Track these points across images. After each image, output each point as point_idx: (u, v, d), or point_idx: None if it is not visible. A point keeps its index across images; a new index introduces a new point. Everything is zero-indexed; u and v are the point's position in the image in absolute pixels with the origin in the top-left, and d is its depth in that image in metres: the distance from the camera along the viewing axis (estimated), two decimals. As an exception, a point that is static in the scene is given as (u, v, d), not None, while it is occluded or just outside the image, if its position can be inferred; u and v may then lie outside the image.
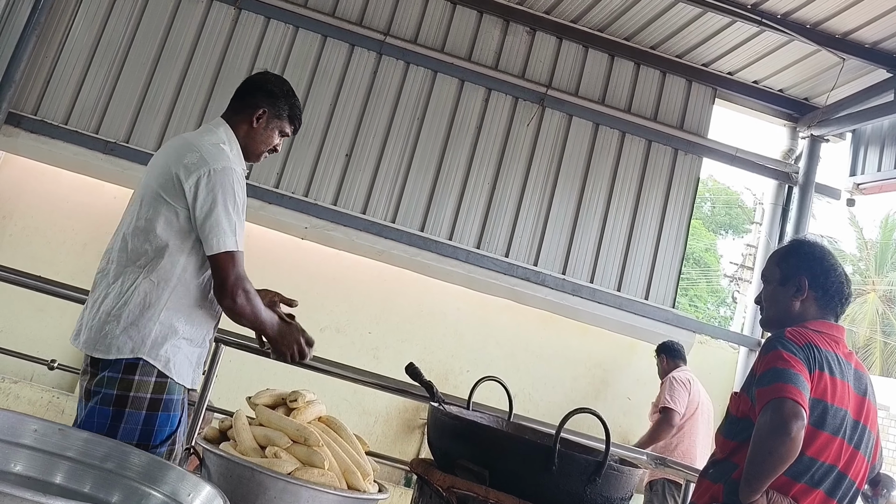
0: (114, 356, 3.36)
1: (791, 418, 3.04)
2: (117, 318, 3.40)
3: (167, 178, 3.50)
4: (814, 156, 10.11)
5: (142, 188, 3.64)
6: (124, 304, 3.42)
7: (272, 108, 3.90)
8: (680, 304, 13.39)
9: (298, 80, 9.37)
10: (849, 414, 3.29)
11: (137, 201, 3.61)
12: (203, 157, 3.54)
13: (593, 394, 9.69)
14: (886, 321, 35.34)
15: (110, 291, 3.48)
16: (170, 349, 3.43)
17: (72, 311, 8.71)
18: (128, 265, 3.49)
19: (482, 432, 3.28)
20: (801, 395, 3.10)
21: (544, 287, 9.35)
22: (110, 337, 3.38)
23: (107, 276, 3.57)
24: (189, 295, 3.53)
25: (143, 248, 3.48)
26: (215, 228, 3.45)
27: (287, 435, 2.39)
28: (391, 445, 9.24)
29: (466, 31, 9.81)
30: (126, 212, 3.72)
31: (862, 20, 8.11)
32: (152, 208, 3.50)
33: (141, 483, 1.82)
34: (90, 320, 3.50)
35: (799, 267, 3.60)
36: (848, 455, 3.27)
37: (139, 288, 3.43)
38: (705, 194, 41.85)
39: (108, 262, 3.61)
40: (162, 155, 3.70)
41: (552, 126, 9.75)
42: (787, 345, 3.30)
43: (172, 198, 3.47)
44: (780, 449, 3.05)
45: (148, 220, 3.50)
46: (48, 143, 8.86)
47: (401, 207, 9.38)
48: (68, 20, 9.22)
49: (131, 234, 3.53)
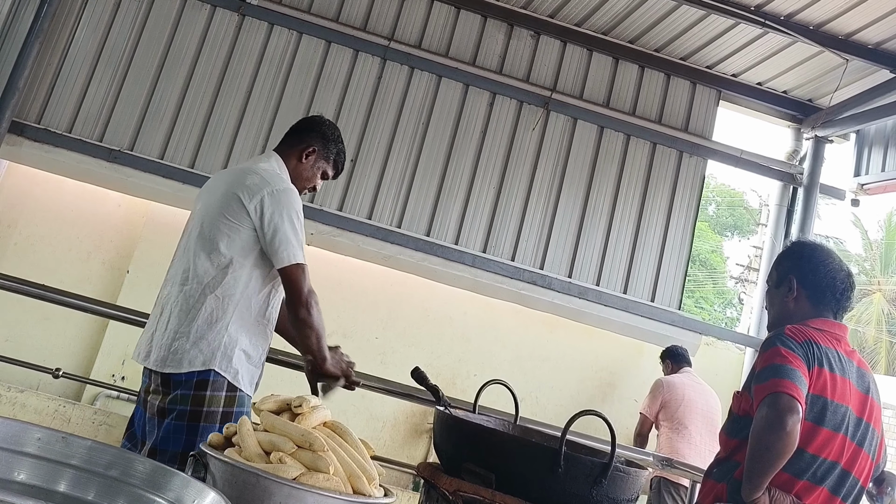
0: (186, 369, 3.53)
1: (786, 412, 3.05)
2: (186, 334, 3.57)
3: (228, 200, 3.70)
4: (818, 157, 10.10)
5: (199, 216, 3.82)
6: (192, 321, 3.58)
7: (322, 148, 4.14)
8: (686, 305, 13.38)
9: (302, 87, 9.40)
10: (851, 411, 3.29)
11: (196, 227, 3.78)
12: (264, 179, 3.76)
13: (600, 396, 9.70)
14: (892, 321, 35.31)
15: (177, 311, 3.63)
16: (236, 361, 3.61)
17: (76, 319, 8.75)
18: (192, 285, 3.64)
19: (488, 436, 3.28)
20: (797, 389, 3.10)
21: (550, 290, 9.35)
22: (181, 352, 3.55)
23: (169, 298, 3.71)
24: (251, 311, 3.70)
25: (206, 267, 3.64)
26: (284, 243, 3.65)
27: (292, 440, 2.39)
28: (399, 450, 9.24)
29: (470, 35, 9.81)
30: (181, 239, 3.89)
31: (865, 21, 8.11)
32: (214, 228, 3.68)
33: (145, 490, 1.81)
34: (160, 339, 3.63)
35: (789, 267, 3.68)
36: (851, 452, 3.27)
37: (206, 304, 3.60)
38: (709, 195, 41.87)
39: (172, 286, 3.75)
40: (219, 181, 3.91)
41: (557, 129, 9.75)
42: (786, 341, 3.32)
43: (235, 217, 3.66)
44: (776, 444, 3.06)
45: (210, 241, 3.67)
46: (52, 152, 8.86)
47: (406, 212, 9.38)
48: (71, 27, 9.21)
49: (193, 257, 3.68)
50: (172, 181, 8.90)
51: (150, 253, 9.02)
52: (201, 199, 3.91)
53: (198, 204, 3.92)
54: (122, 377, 8.77)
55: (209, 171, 8.95)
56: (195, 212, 3.89)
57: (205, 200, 3.86)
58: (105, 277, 9.12)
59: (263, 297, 3.76)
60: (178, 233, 3.82)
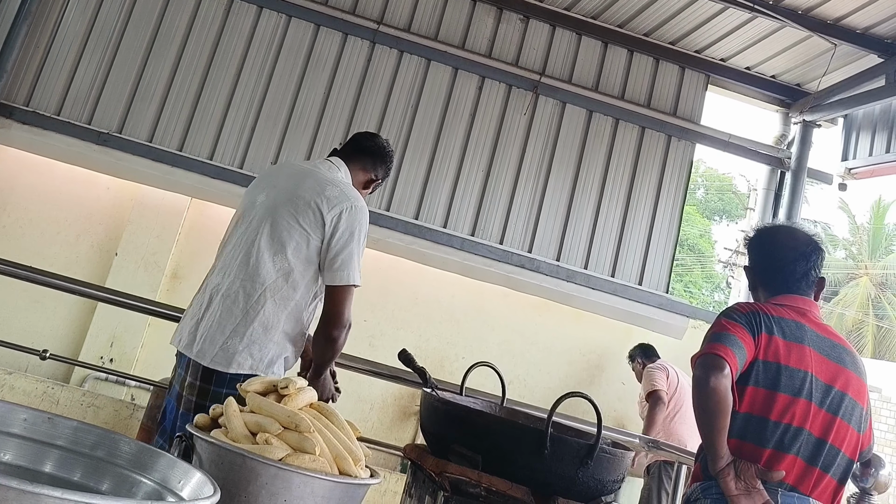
0: (233, 371, 3.51)
1: (710, 369, 3.07)
2: (241, 335, 3.56)
3: (306, 207, 3.67)
4: (806, 141, 10.12)
5: (266, 211, 3.75)
6: (249, 323, 3.57)
7: (383, 180, 4.22)
8: (675, 289, 13.42)
9: (291, 70, 9.39)
10: (813, 376, 3.26)
11: (264, 224, 3.71)
12: (344, 193, 3.75)
13: (588, 379, 9.72)
14: (879, 304, 35.46)
15: (232, 307, 3.60)
16: (277, 369, 3.62)
17: (65, 301, 8.75)
18: (254, 284, 3.61)
19: (475, 417, 3.30)
20: (725, 350, 3.12)
21: (539, 273, 9.37)
22: (231, 352, 3.55)
23: (221, 289, 3.67)
24: (298, 322, 3.71)
25: (269, 268, 3.62)
26: (348, 262, 3.66)
27: (278, 421, 2.40)
28: (387, 432, 9.26)
29: (460, 19, 9.80)
30: (238, 228, 3.82)
31: (853, 5, 8.11)
32: (285, 231, 3.64)
33: (131, 471, 1.82)
34: (207, 332, 3.61)
35: (747, 261, 3.75)
36: (822, 419, 3.23)
37: (265, 308, 3.59)
38: (698, 180, 41.90)
39: (225, 276, 3.70)
40: (289, 181, 3.83)
41: (546, 113, 9.76)
42: (729, 314, 3.37)
43: (309, 226, 3.64)
44: (707, 403, 3.08)
45: (279, 243, 3.64)
46: (41, 135, 8.84)
47: (395, 196, 9.38)
48: (60, 9, 9.18)
49: (257, 254, 3.64)
50: (161, 164, 8.89)
51: (139, 236, 9.02)
52: (265, 192, 3.82)
53: (259, 195, 3.83)
54: (111, 359, 8.77)
55: (197, 153, 8.96)
56: (258, 204, 3.79)
57: (272, 197, 3.78)
58: (93, 260, 9.11)
59: (311, 311, 3.77)
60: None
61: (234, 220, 3.90)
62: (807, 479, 3.21)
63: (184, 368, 3.68)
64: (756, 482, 3.12)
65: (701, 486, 3.30)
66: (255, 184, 3.99)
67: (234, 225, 3.87)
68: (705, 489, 3.27)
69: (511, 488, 2.91)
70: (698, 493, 3.31)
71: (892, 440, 20.14)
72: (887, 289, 36.11)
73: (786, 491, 3.17)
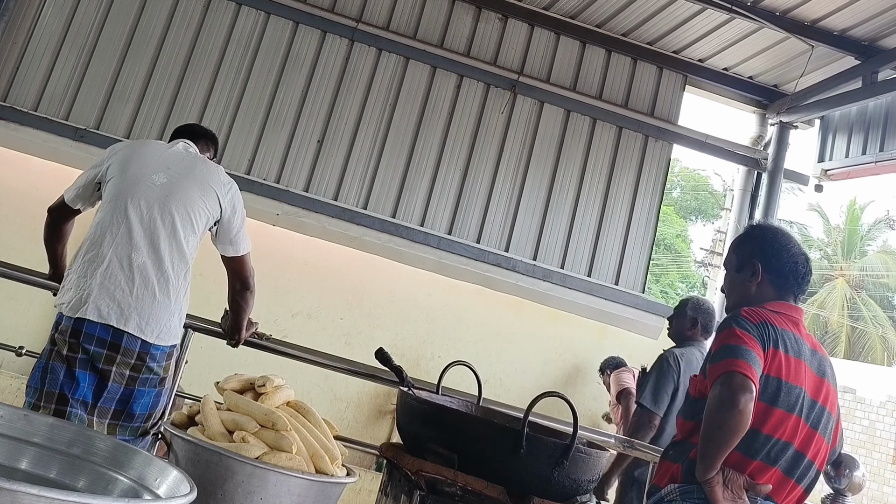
0: (170, 343, 3.86)
1: (739, 391, 3.06)
2: (177, 312, 3.87)
3: (206, 190, 3.97)
4: (782, 142, 10.17)
5: (170, 191, 3.91)
6: (179, 300, 3.87)
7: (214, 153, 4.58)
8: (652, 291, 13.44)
9: (270, 67, 9.37)
10: (805, 392, 3.30)
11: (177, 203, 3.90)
12: (225, 175, 4.14)
13: (564, 379, 9.75)
14: (854, 306, 35.63)
15: (165, 285, 3.81)
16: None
17: (40, 298, 8.70)
18: (179, 261, 3.86)
19: (451, 416, 3.30)
20: (750, 369, 3.12)
21: (515, 273, 9.37)
22: (169, 326, 3.83)
23: (147, 267, 3.80)
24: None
25: (183, 246, 3.87)
26: (244, 234, 4.15)
27: (255, 419, 2.40)
28: (363, 430, 9.25)
29: (438, 17, 9.80)
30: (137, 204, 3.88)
31: (831, 7, 8.16)
32: (194, 212, 3.91)
33: (108, 468, 1.82)
34: (142, 307, 3.75)
35: (752, 251, 3.66)
36: (805, 434, 3.28)
37: (188, 284, 3.93)
38: (674, 179, 41.99)
39: (149, 254, 3.82)
40: (182, 164, 4.04)
41: (524, 112, 9.77)
42: (741, 322, 3.32)
43: (211, 208, 3.97)
44: (728, 422, 3.07)
45: (192, 223, 3.90)
46: (17, 130, 8.78)
47: (372, 194, 9.38)
48: (38, 6, 9.13)
49: (182, 235, 3.88)
50: (138, 160, 8.84)
51: (115, 232, 8.96)
52: (162, 173, 3.92)
53: (154, 175, 3.91)
54: (86, 357, 8.72)
55: (175, 150, 8.91)
56: (158, 184, 3.89)
57: (174, 180, 3.93)
58: (69, 257, 9.05)
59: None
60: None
61: (116, 191, 3.95)
62: (782, 490, 3.27)
63: (105, 334, 3.72)
64: (742, 493, 3.15)
65: (680, 489, 3.30)
66: (138, 159, 4.00)
67: (126, 199, 3.89)
68: (685, 493, 3.27)
69: (487, 487, 2.91)
70: (676, 494, 3.31)
71: (865, 441, 20.21)
72: (863, 290, 36.30)
73: (763, 500, 3.21)
